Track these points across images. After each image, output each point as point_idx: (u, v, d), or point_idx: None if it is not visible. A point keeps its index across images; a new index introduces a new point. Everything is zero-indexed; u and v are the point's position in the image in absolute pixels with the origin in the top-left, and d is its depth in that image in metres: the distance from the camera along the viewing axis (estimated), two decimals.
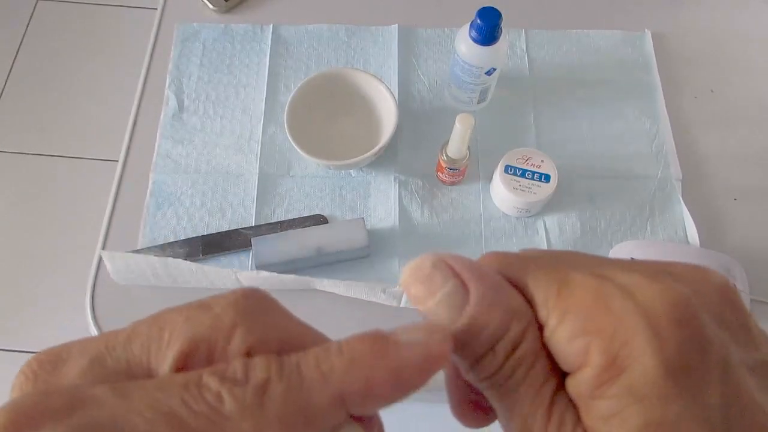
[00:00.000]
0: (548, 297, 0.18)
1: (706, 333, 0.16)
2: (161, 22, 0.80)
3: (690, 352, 0.16)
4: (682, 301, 0.16)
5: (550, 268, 0.19)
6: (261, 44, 0.78)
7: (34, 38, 1.64)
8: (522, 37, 0.79)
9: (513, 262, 0.19)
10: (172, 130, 0.72)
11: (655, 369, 0.16)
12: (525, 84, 0.76)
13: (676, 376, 0.16)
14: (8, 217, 1.42)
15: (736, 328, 0.18)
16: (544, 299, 0.18)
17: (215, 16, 0.80)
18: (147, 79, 0.76)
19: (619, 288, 0.17)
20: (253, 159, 0.70)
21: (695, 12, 0.82)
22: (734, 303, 0.18)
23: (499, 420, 0.19)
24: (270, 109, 0.73)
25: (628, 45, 0.79)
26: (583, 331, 0.17)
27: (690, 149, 0.72)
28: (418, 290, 0.19)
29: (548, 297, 0.18)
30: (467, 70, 0.66)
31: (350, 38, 0.79)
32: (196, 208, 0.67)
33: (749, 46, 0.80)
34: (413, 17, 0.80)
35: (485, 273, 0.19)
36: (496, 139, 0.72)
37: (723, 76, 0.78)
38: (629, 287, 0.17)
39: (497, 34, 0.63)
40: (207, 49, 0.77)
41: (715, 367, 0.16)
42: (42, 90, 1.56)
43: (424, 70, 0.77)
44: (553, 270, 0.18)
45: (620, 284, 0.17)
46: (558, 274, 0.18)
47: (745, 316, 0.18)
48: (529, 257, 0.19)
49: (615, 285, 0.17)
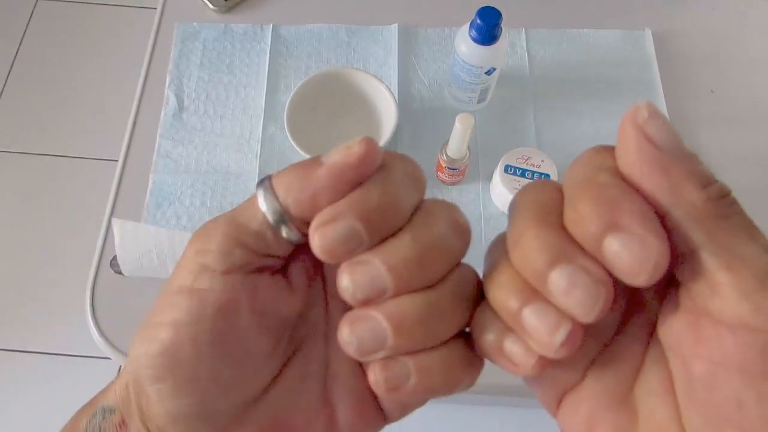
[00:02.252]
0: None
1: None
2: (161, 22, 0.79)
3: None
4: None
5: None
6: (261, 44, 0.78)
7: (34, 38, 1.64)
8: (522, 36, 0.79)
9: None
10: (172, 130, 0.72)
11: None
12: (525, 84, 0.76)
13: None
14: (8, 217, 1.42)
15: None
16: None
17: (215, 15, 0.80)
18: (147, 79, 0.76)
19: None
20: (253, 159, 0.70)
21: (696, 11, 0.82)
22: None
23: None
24: (270, 108, 0.73)
25: (628, 44, 0.79)
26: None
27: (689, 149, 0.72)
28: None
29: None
30: (467, 69, 0.66)
31: (350, 38, 0.79)
32: (196, 207, 0.67)
33: (749, 46, 0.80)
34: (413, 17, 0.80)
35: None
36: (496, 139, 0.72)
37: (723, 76, 0.78)
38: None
39: (497, 33, 0.63)
40: (207, 48, 0.77)
41: None
42: (42, 90, 1.56)
43: (424, 70, 0.77)
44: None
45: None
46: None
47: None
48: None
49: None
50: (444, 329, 0.20)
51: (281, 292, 0.21)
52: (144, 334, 0.20)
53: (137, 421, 0.20)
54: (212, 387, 0.20)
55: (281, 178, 0.20)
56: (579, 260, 0.17)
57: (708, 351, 0.17)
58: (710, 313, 0.17)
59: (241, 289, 0.20)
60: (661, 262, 0.16)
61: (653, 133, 0.17)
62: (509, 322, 0.19)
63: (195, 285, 0.19)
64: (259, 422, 0.21)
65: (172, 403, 0.19)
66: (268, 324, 0.21)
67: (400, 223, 0.19)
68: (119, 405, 0.21)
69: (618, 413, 0.19)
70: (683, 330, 0.18)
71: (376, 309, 0.19)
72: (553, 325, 0.18)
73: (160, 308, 0.20)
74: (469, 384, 0.21)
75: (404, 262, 0.19)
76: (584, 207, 0.17)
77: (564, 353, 0.18)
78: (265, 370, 0.21)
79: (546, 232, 0.18)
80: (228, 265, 0.19)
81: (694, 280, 0.17)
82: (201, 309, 0.19)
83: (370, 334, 0.19)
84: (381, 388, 0.20)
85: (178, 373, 0.19)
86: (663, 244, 0.16)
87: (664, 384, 0.19)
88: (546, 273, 0.17)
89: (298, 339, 0.22)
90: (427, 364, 0.20)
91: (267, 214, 0.20)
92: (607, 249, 0.17)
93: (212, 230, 0.20)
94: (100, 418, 0.21)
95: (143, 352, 0.20)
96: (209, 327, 0.19)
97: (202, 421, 0.20)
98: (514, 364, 0.19)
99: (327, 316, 0.23)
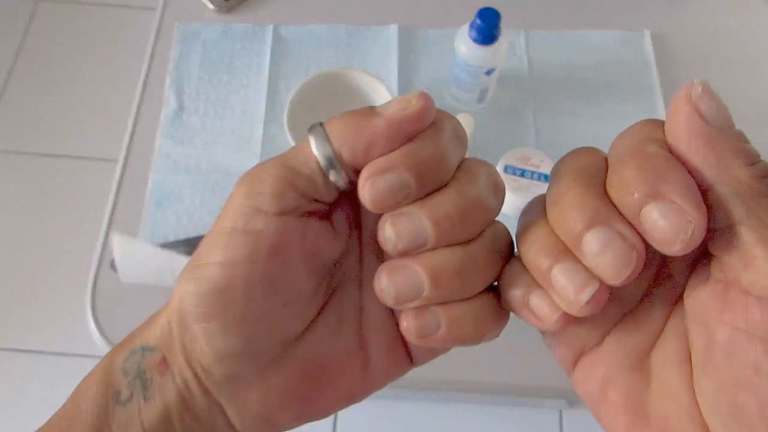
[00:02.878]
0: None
1: None
2: (161, 22, 0.80)
3: None
4: None
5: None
6: (261, 44, 0.78)
7: (34, 38, 1.64)
8: (522, 37, 0.79)
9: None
10: (172, 130, 0.72)
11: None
12: (525, 84, 0.76)
13: None
14: (8, 216, 1.42)
15: None
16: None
17: (215, 15, 0.80)
18: (147, 79, 0.76)
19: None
20: (253, 159, 0.70)
21: (695, 12, 0.83)
22: None
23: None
24: (270, 109, 0.73)
25: (627, 45, 0.79)
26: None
27: None
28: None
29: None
30: (467, 70, 0.66)
31: (350, 38, 0.79)
32: (196, 207, 0.67)
33: (749, 46, 0.80)
34: (413, 17, 0.80)
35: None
36: (496, 139, 0.72)
37: (723, 76, 0.78)
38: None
39: (497, 34, 0.63)
40: (207, 49, 0.77)
41: None
42: (42, 90, 1.56)
43: (424, 70, 0.77)
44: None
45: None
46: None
47: None
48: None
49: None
50: (477, 283, 0.21)
51: (327, 236, 0.21)
52: (191, 274, 0.20)
53: (180, 359, 0.20)
54: (259, 326, 0.20)
55: (335, 125, 0.20)
56: (616, 224, 0.18)
57: (733, 318, 0.17)
58: (740, 284, 0.17)
59: (293, 230, 0.20)
60: (697, 235, 0.17)
61: (704, 109, 0.18)
62: (539, 278, 0.20)
63: (248, 226, 0.20)
64: (298, 362, 0.22)
65: (220, 342, 0.20)
66: (313, 266, 0.21)
67: (446, 178, 0.20)
68: (159, 344, 0.21)
69: (632, 377, 0.20)
70: (710, 298, 0.18)
71: (414, 260, 0.20)
72: (581, 283, 0.18)
73: (209, 249, 0.20)
74: (495, 335, 0.22)
75: (448, 217, 0.19)
76: (629, 173, 0.18)
77: (588, 312, 0.18)
78: (307, 312, 0.22)
79: (587, 194, 0.19)
80: (281, 207, 0.20)
81: (729, 253, 0.17)
82: (255, 249, 0.19)
83: (408, 283, 0.20)
84: (412, 335, 0.21)
85: (228, 313, 0.20)
86: (701, 216, 0.17)
87: (681, 354, 0.19)
88: (582, 233, 0.18)
89: (333, 285, 0.23)
90: (458, 315, 0.20)
91: (319, 158, 0.20)
92: (645, 216, 0.17)
93: (263, 173, 0.20)
94: (140, 356, 0.21)
95: (191, 291, 0.20)
96: (262, 267, 0.20)
97: (247, 360, 0.20)
98: (538, 318, 0.20)
99: (361, 264, 0.23)
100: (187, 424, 0.21)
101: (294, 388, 0.22)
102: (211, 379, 0.21)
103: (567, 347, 0.22)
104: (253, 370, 0.21)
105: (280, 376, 0.21)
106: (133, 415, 0.20)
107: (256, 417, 0.21)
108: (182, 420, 0.21)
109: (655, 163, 0.18)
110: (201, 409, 0.21)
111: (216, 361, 0.20)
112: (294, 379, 0.22)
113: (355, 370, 0.23)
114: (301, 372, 0.22)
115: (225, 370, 0.20)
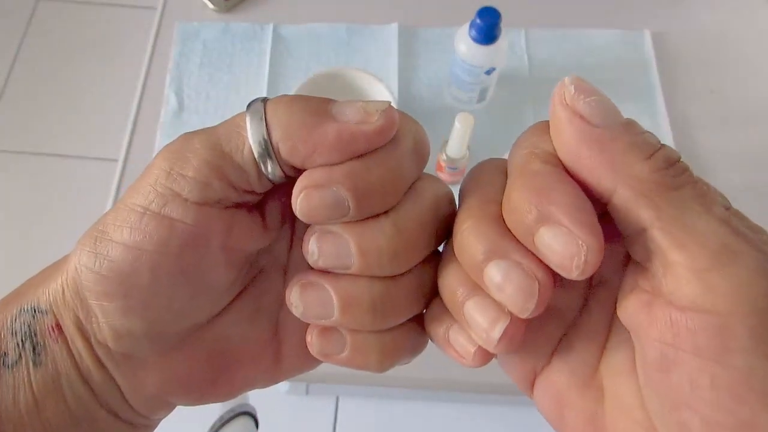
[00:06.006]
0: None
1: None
2: (161, 21, 0.80)
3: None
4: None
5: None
6: (261, 44, 0.78)
7: (34, 38, 1.64)
8: (522, 36, 0.79)
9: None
10: (172, 130, 0.72)
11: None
12: (525, 84, 0.76)
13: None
14: (8, 216, 1.42)
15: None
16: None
17: (215, 15, 0.80)
18: (147, 78, 0.76)
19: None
20: None
21: (695, 12, 0.83)
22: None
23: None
24: None
25: (627, 45, 0.79)
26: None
27: (689, 149, 0.72)
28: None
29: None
30: (467, 69, 0.66)
31: (350, 38, 0.79)
32: None
33: (749, 46, 0.80)
34: (413, 17, 0.80)
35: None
36: (496, 139, 0.72)
37: (723, 76, 0.78)
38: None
39: (497, 33, 0.63)
40: (207, 48, 0.77)
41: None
42: (42, 90, 1.56)
43: (424, 69, 0.77)
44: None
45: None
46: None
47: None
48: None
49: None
50: (392, 320, 0.19)
51: (254, 229, 0.19)
52: (91, 246, 0.18)
53: (73, 329, 0.19)
54: (164, 312, 0.18)
55: (280, 113, 0.18)
56: (513, 255, 0.17)
57: (660, 334, 0.16)
58: (663, 294, 0.16)
59: (214, 224, 0.18)
60: (591, 258, 0.15)
61: (583, 109, 0.16)
62: (454, 313, 0.19)
63: (164, 211, 0.17)
64: (205, 347, 0.20)
65: (119, 321, 0.18)
66: (234, 259, 0.19)
67: (391, 203, 0.18)
68: (53, 308, 0.19)
69: (585, 395, 0.19)
70: (637, 311, 0.17)
71: (330, 281, 0.19)
72: (492, 319, 0.17)
73: (115, 223, 0.18)
74: (404, 363, 0.20)
75: (377, 251, 0.18)
76: (516, 195, 0.17)
77: (503, 348, 0.17)
78: (220, 300, 0.20)
79: (482, 223, 0.17)
80: (204, 197, 0.18)
81: (648, 260, 0.16)
82: (168, 239, 0.17)
83: (318, 304, 0.19)
84: (314, 352, 0.20)
85: (130, 297, 0.18)
86: (593, 237, 0.15)
87: (628, 363, 0.18)
88: (482, 267, 0.17)
89: (256, 270, 0.21)
90: (365, 344, 0.19)
91: (253, 147, 0.18)
92: (539, 242, 0.16)
93: (189, 152, 0.18)
94: (30, 316, 0.19)
95: (90, 267, 0.18)
96: (173, 259, 0.18)
97: (148, 342, 0.19)
98: (459, 354, 0.19)
99: (290, 253, 0.22)
100: (80, 395, 0.19)
101: (197, 373, 0.20)
102: (107, 355, 0.19)
103: (518, 372, 0.20)
104: (154, 351, 0.19)
105: (183, 360, 0.20)
106: (21, 379, 0.18)
107: (153, 398, 0.20)
108: (73, 390, 0.19)
109: (539, 182, 0.16)
110: (95, 382, 0.19)
111: (113, 338, 0.18)
112: (198, 364, 0.20)
113: (266, 359, 0.21)
114: (206, 357, 0.20)
115: (122, 348, 0.19)
